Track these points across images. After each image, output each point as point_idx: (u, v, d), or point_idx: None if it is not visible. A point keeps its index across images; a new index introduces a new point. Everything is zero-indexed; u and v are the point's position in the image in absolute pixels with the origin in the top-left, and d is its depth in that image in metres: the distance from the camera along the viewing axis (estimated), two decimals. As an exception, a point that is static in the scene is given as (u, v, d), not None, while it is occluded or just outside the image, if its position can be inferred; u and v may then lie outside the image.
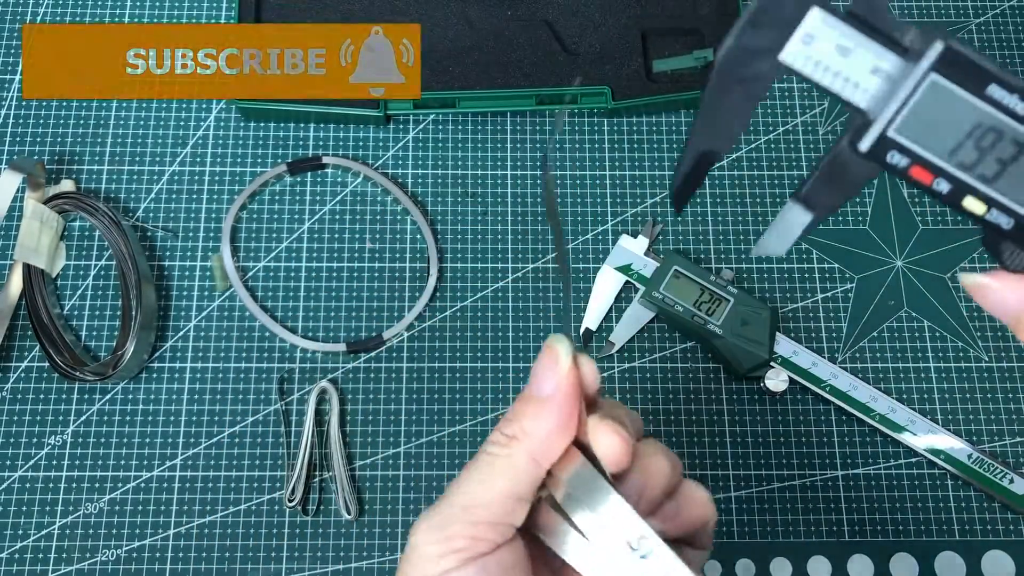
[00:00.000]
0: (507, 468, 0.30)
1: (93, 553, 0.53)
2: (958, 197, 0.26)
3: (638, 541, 0.28)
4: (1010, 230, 0.26)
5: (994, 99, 0.25)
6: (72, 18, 0.64)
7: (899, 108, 0.25)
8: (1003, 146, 0.25)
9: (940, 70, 0.25)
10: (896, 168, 0.26)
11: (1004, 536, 0.54)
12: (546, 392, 0.30)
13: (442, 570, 0.29)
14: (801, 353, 0.55)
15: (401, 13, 0.63)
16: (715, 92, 0.27)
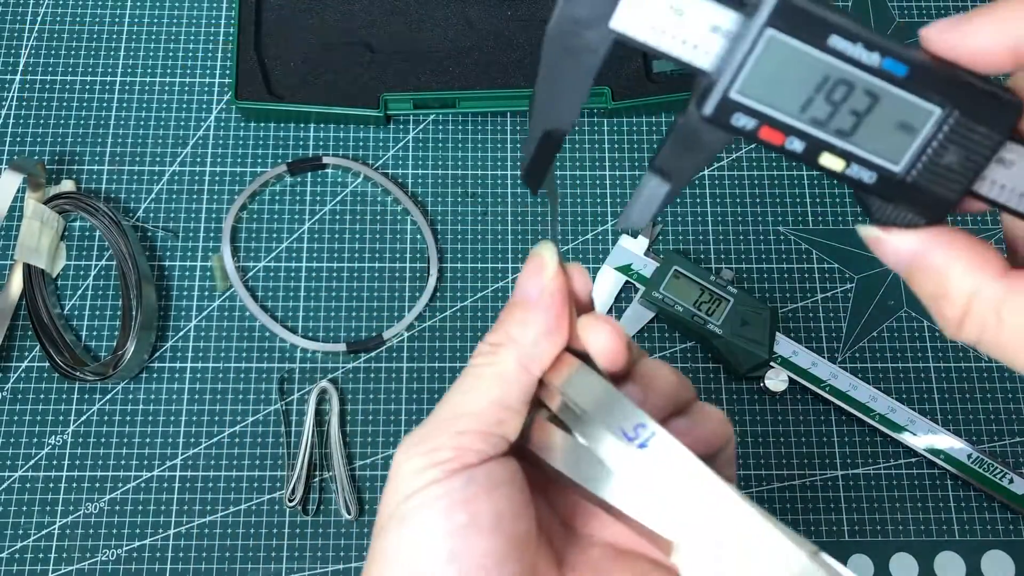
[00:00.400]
0: (494, 376, 0.28)
1: (93, 553, 0.53)
2: (814, 155, 0.25)
3: (634, 429, 0.27)
4: (873, 184, 0.25)
5: (838, 50, 0.23)
6: (72, 18, 0.64)
7: (738, 68, 0.24)
8: (855, 98, 0.24)
9: (777, 24, 0.23)
10: (744, 131, 0.24)
11: (1004, 536, 0.54)
12: (532, 296, 0.28)
13: (426, 481, 0.27)
14: (801, 353, 0.55)
15: (401, 13, 0.63)
16: (547, 67, 0.25)
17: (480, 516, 0.26)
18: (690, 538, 0.26)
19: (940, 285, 0.24)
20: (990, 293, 0.24)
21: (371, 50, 0.62)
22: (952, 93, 0.24)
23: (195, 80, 0.62)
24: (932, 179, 0.25)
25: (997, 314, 0.24)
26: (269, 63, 0.61)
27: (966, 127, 0.24)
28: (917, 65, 0.24)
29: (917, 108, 0.24)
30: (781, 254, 0.59)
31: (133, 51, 0.63)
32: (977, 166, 0.24)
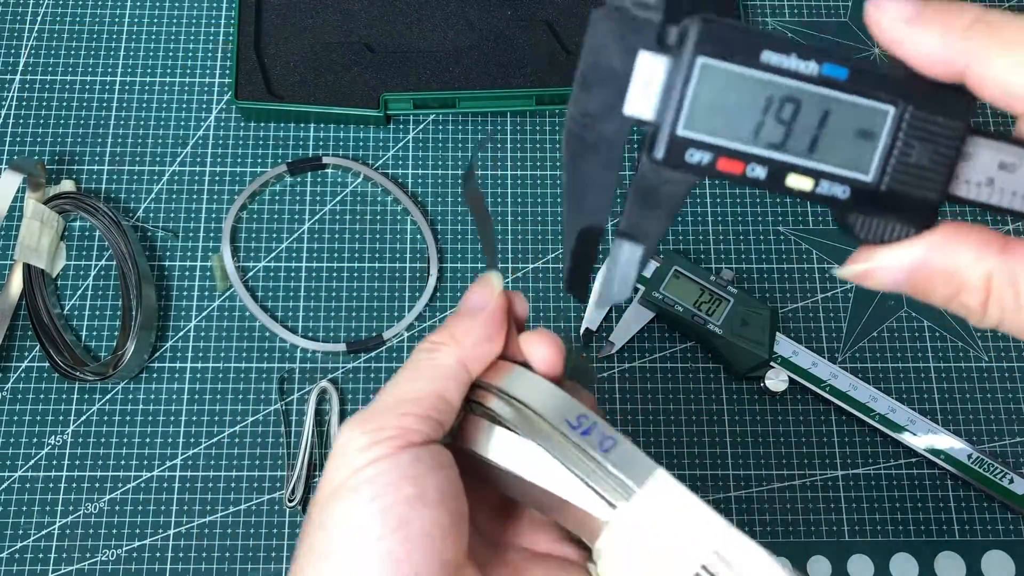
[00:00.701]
0: (434, 368, 0.30)
1: (93, 553, 0.53)
2: (779, 179, 0.24)
3: (577, 419, 0.28)
4: (849, 199, 0.24)
5: (773, 65, 0.23)
6: (72, 18, 0.64)
7: (679, 102, 0.23)
8: (806, 112, 0.23)
9: (705, 50, 0.23)
10: (701, 167, 0.24)
11: (1004, 536, 0.54)
12: (477, 307, 0.31)
13: (372, 458, 0.28)
14: (801, 353, 0.55)
15: (401, 13, 0.63)
16: (570, 165, 0.25)
17: (427, 490, 0.27)
18: (625, 515, 0.27)
19: (953, 282, 0.24)
20: (1001, 271, 0.23)
21: (371, 50, 0.62)
22: (900, 89, 0.23)
23: (195, 80, 0.62)
24: (907, 182, 0.24)
25: (1014, 290, 0.23)
26: (269, 63, 0.61)
27: (924, 120, 0.23)
28: (857, 66, 0.23)
29: (870, 110, 0.23)
30: (781, 254, 0.59)
31: (133, 51, 0.63)
32: (948, 159, 0.24)
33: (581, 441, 0.28)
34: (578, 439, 0.28)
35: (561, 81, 0.60)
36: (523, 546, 0.33)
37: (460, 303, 0.32)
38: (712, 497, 0.54)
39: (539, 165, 0.61)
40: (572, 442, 0.28)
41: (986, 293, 0.23)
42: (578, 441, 0.28)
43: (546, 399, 0.29)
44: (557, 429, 0.28)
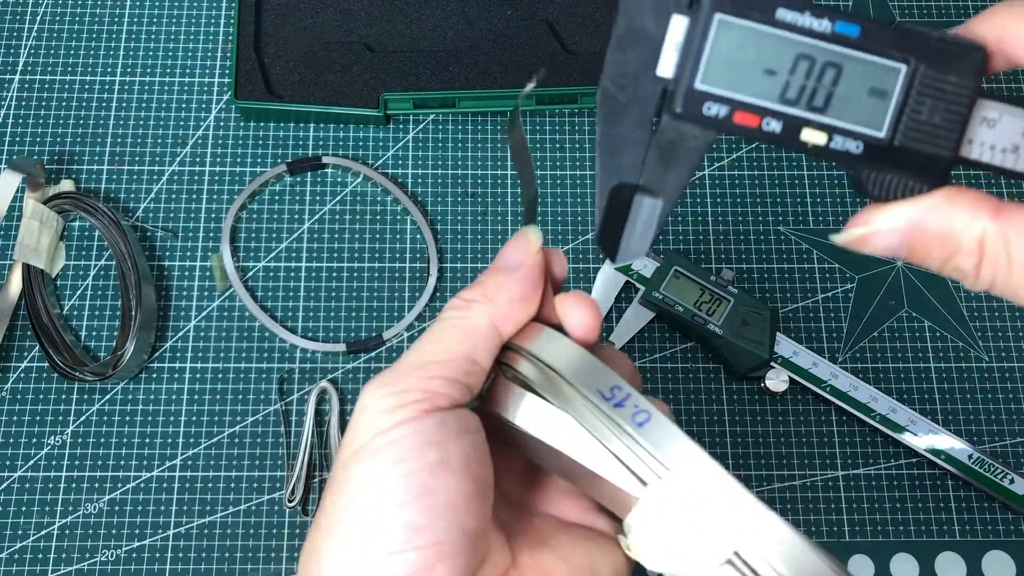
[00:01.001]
0: (465, 329, 0.29)
1: (93, 553, 0.53)
2: (794, 133, 0.24)
3: (611, 390, 0.27)
4: (862, 154, 0.25)
5: (787, 23, 0.24)
6: (71, 17, 0.64)
7: (697, 57, 0.24)
8: (819, 69, 0.24)
9: (722, 7, 0.24)
10: (718, 120, 0.24)
11: (1005, 536, 0.54)
12: (513, 264, 0.30)
13: (396, 420, 0.27)
14: (801, 353, 0.55)
15: (401, 12, 0.63)
16: (604, 123, 0.26)
17: (451, 456, 0.26)
18: (658, 492, 0.26)
19: (949, 242, 0.24)
20: (994, 233, 0.23)
21: (371, 49, 0.62)
22: (912, 48, 0.24)
23: (194, 80, 0.62)
24: (920, 139, 0.24)
25: (1006, 252, 0.23)
26: (269, 62, 0.61)
27: (936, 78, 0.24)
28: (868, 24, 0.24)
29: (882, 68, 0.24)
30: (782, 254, 0.59)
31: (132, 51, 0.63)
32: (960, 117, 0.24)
33: (613, 413, 0.27)
34: (610, 411, 0.27)
35: (561, 81, 0.60)
36: (551, 514, 0.32)
37: (496, 258, 0.30)
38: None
39: (539, 165, 0.61)
40: (604, 414, 0.27)
41: (980, 255, 0.24)
42: (610, 413, 0.27)
43: (579, 366, 0.28)
44: (589, 399, 0.27)
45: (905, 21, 0.25)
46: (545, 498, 0.32)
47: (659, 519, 0.26)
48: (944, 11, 0.65)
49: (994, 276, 0.24)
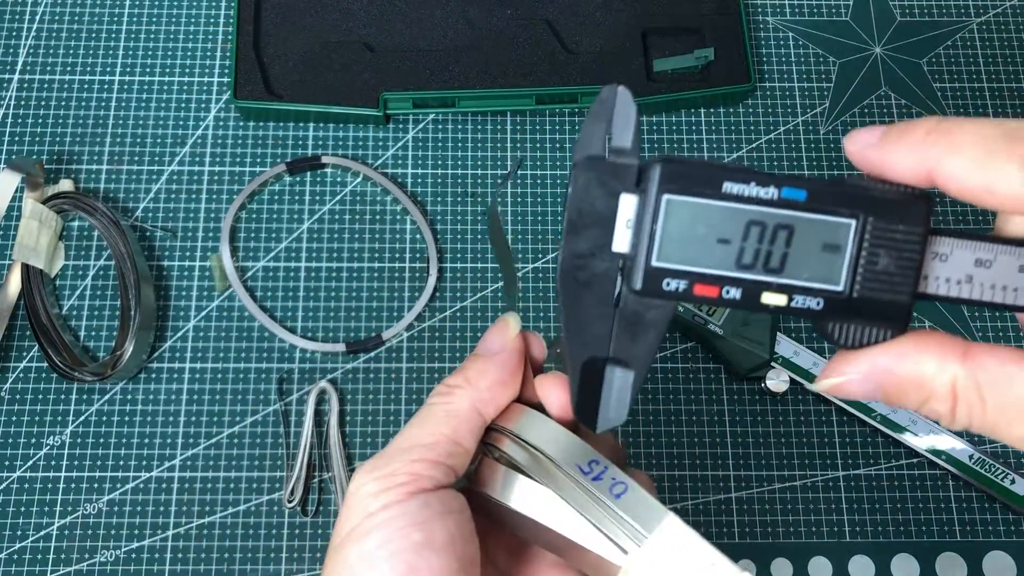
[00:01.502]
0: (448, 414, 0.31)
1: (92, 554, 0.53)
2: (755, 298, 0.25)
3: (589, 464, 0.29)
4: (823, 309, 0.25)
5: (735, 194, 0.25)
6: (71, 16, 0.64)
7: (651, 236, 0.25)
8: (772, 233, 0.25)
9: (669, 189, 0.25)
10: (679, 293, 0.25)
11: (1005, 537, 0.54)
12: (494, 350, 0.32)
13: (382, 504, 0.28)
14: (802, 353, 0.55)
15: (400, 12, 0.63)
16: (568, 303, 0.27)
17: (435, 536, 0.28)
18: (639, 560, 0.28)
19: (922, 388, 0.25)
20: (964, 377, 0.24)
21: (370, 49, 0.61)
22: (858, 203, 0.24)
23: (194, 79, 0.62)
24: (877, 288, 0.25)
25: (979, 392, 0.24)
26: (268, 62, 0.61)
27: (886, 229, 0.25)
28: (814, 187, 0.24)
29: (832, 225, 0.25)
30: (782, 254, 0.59)
31: (132, 50, 0.63)
32: (913, 263, 0.25)
33: (592, 487, 0.29)
34: (589, 485, 0.29)
35: (561, 80, 0.60)
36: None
37: (477, 345, 0.32)
38: (713, 498, 0.54)
39: (539, 165, 0.61)
40: (584, 488, 0.29)
41: (953, 400, 0.24)
42: (589, 487, 0.29)
43: (558, 444, 0.30)
44: (569, 475, 0.29)
45: (851, 175, 0.25)
46: (535, 572, 0.33)
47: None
48: (944, 10, 0.65)
49: (970, 418, 0.24)
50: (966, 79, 0.63)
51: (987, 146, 0.22)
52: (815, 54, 0.64)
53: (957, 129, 0.23)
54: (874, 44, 0.65)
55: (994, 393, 0.24)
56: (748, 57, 0.61)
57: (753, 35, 0.64)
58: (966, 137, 0.23)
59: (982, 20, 0.65)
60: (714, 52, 0.61)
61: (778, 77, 0.63)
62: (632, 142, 0.26)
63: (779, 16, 0.65)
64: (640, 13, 0.63)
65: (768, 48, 0.64)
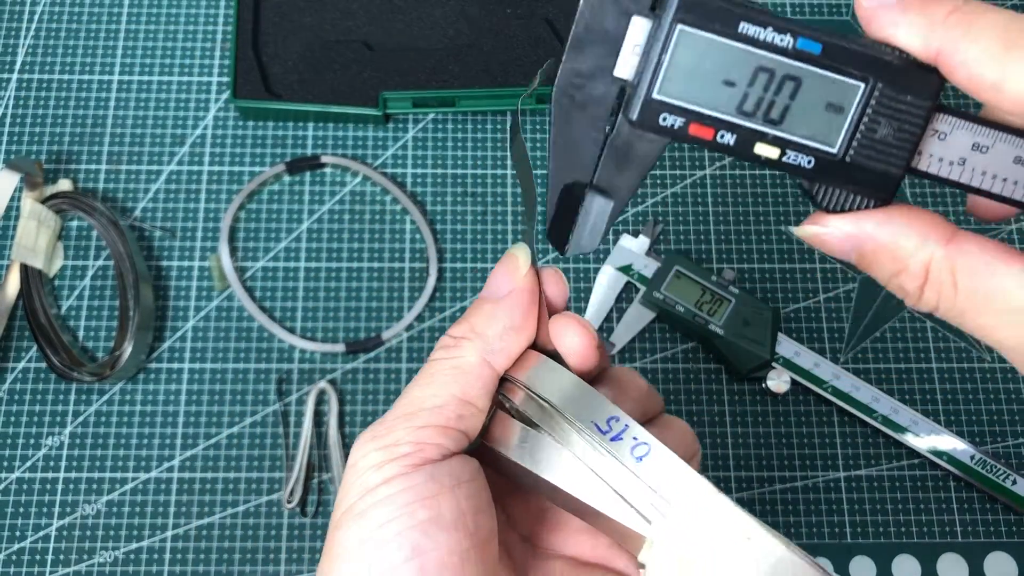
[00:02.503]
0: (454, 369, 0.28)
1: (91, 555, 0.52)
2: (748, 146, 0.25)
3: (607, 422, 0.26)
4: (813, 169, 0.25)
5: (749, 36, 0.24)
6: (69, 16, 0.63)
7: (656, 67, 0.24)
8: (778, 83, 0.24)
9: (685, 19, 0.24)
10: (673, 130, 0.25)
11: (1007, 538, 0.54)
12: (501, 292, 0.28)
13: (384, 478, 0.26)
14: (803, 354, 0.55)
15: (400, 11, 0.62)
16: (559, 122, 0.26)
17: (443, 512, 0.25)
18: (664, 530, 0.25)
19: (897, 260, 0.24)
20: (941, 259, 0.24)
21: (370, 48, 0.61)
22: (872, 66, 0.24)
23: (193, 79, 0.62)
24: (872, 156, 0.24)
25: (952, 279, 0.24)
26: (267, 61, 0.61)
27: (893, 98, 0.24)
28: (830, 42, 0.24)
29: (841, 85, 0.24)
30: (783, 254, 0.59)
31: (131, 49, 0.63)
32: (913, 136, 0.24)
33: (612, 448, 0.26)
34: (608, 446, 0.26)
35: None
36: (569, 555, 0.30)
37: (484, 287, 0.29)
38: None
39: (539, 164, 0.61)
40: (602, 449, 0.26)
41: (924, 279, 0.24)
42: (608, 448, 0.26)
43: (573, 398, 0.27)
44: (585, 433, 0.26)
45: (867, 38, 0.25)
46: (563, 538, 0.31)
47: (670, 557, 0.25)
48: (946, 10, 0.65)
49: (938, 300, 0.24)
50: (967, 78, 0.63)
51: (1008, 40, 0.22)
52: (816, 53, 0.64)
53: (979, 16, 0.22)
54: (875, 43, 0.64)
55: (970, 279, 0.23)
56: (749, 56, 0.61)
57: (754, 34, 0.64)
58: (987, 27, 0.22)
59: (983, 19, 0.65)
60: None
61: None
62: None
63: (780, 15, 0.65)
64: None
65: (769, 47, 0.64)
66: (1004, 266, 0.23)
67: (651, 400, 0.30)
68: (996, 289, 0.23)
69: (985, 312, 0.23)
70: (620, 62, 0.25)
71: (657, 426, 0.30)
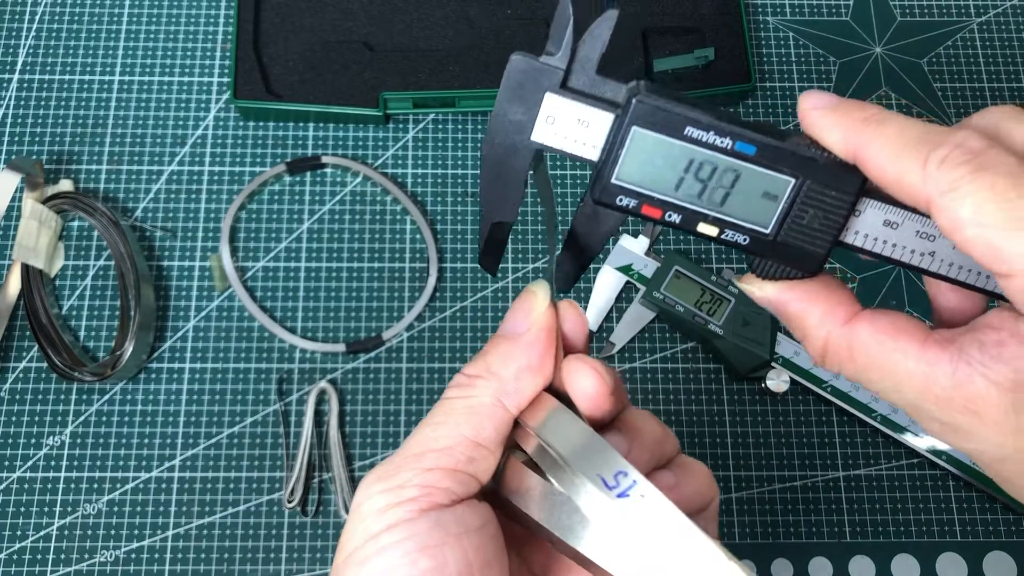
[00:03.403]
0: (467, 409, 0.27)
1: (92, 554, 0.52)
2: (692, 224, 0.28)
3: (615, 477, 0.25)
4: (748, 245, 0.28)
5: (694, 138, 0.27)
6: (70, 17, 0.63)
7: (615, 158, 0.28)
8: (720, 174, 0.27)
9: (638, 122, 0.27)
10: (628, 209, 0.28)
11: (1006, 537, 0.54)
12: (519, 331, 0.28)
13: (387, 524, 0.25)
14: (802, 353, 0.55)
15: (400, 12, 0.62)
16: (486, 175, 0.29)
17: (447, 563, 0.24)
18: None
19: (801, 329, 0.28)
20: (838, 337, 0.27)
21: (370, 49, 0.61)
22: (801, 165, 0.27)
23: (193, 79, 0.62)
24: (799, 238, 0.28)
25: (849, 352, 0.27)
26: (268, 62, 0.61)
27: (820, 192, 0.27)
28: (764, 143, 0.27)
29: (774, 179, 0.27)
30: (782, 254, 0.59)
31: (131, 50, 0.63)
32: (837, 224, 0.28)
33: (619, 505, 0.25)
34: (613, 502, 0.25)
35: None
36: None
37: (501, 323, 0.28)
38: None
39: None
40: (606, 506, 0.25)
41: (823, 351, 0.28)
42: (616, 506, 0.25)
43: (582, 448, 0.26)
44: (590, 488, 0.25)
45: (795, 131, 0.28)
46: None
47: None
48: (944, 10, 0.65)
49: (839, 368, 0.28)
50: (966, 79, 0.63)
51: (904, 142, 0.25)
52: (815, 54, 0.64)
53: (886, 123, 0.25)
54: (874, 44, 0.64)
55: (862, 355, 0.27)
56: (748, 57, 0.61)
57: (753, 35, 0.64)
58: (890, 131, 0.25)
59: (982, 20, 0.65)
60: (714, 52, 0.61)
61: (778, 77, 0.63)
62: (563, 47, 0.28)
63: (779, 16, 0.65)
64: (640, 13, 0.63)
65: (768, 48, 0.64)
66: (891, 341, 0.26)
67: (666, 442, 0.30)
68: (886, 362, 0.26)
69: (878, 380, 0.27)
70: (536, 128, 0.28)
71: (673, 469, 0.29)
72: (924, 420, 0.26)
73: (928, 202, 0.24)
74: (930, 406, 0.26)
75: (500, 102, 0.28)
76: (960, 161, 0.23)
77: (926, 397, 0.26)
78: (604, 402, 0.28)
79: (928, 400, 0.26)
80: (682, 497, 0.28)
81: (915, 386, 0.26)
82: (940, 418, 0.25)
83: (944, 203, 0.23)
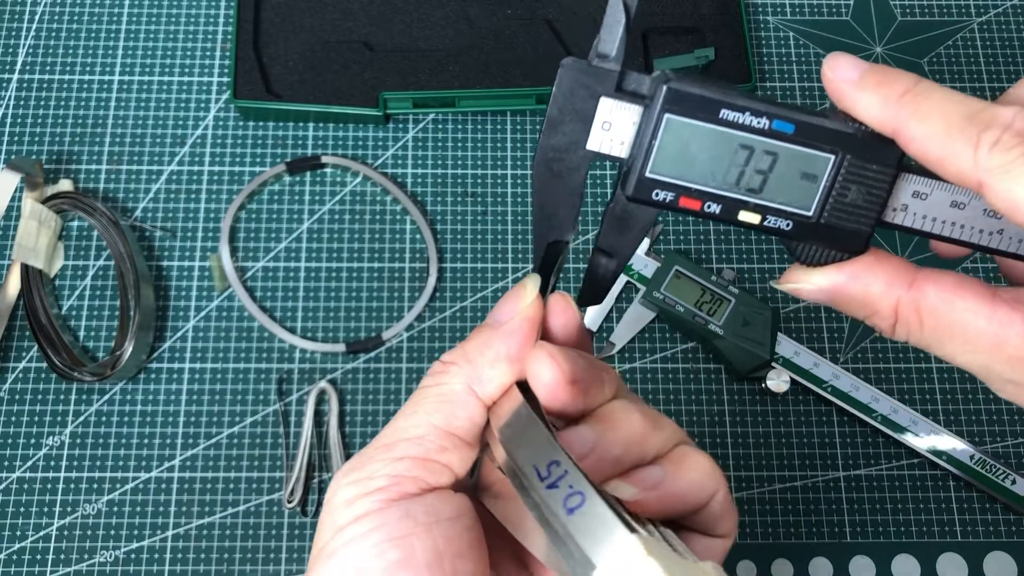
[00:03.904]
0: (438, 398, 0.26)
1: (91, 554, 0.52)
2: (732, 214, 0.27)
3: (547, 467, 0.24)
4: (791, 230, 0.28)
5: (730, 121, 0.26)
6: (70, 16, 0.63)
7: (647, 150, 0.27)
8: (757, 158, 0.27)
9: (671, 109, 0.26)
10: (665, 203, 0.28)
11: (1006, 537, 0.54)
12: (502, 320, 0.27)
13: (354, 515, 0.24)
14: (803, 354, 0.55)
15: (400, 11, 0.62)
16: (540, 192, 0.28)
17: (415, 554, 0.24)
18: None
19: (867, 306, 0.27)
20: (908, 302, 0.26)
21: (370, 49, 0.61)
22: (839, 141, 0.26)
23: (193, 79, 0.62)
24: (843, 217, 0.27)
25: (918, 315, 0.26)
26: (268, 62, 0.61)
27: (860, 167, 0.27)
28: (802, 121, 0.26)
29: (813, 158, 0.27)
30: (783, 254, 0.59)
31: (131, 50, 0.63)
32: (880, 199, 0.27)
33: (547, 496, 0.24)
34: (544, 494, 0.24)
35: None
36: None
37: (488, 314, 0.28)
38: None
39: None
40: (539, 497, 0.24)
41: (894, 318, 0.27)
42: (544, 497, 0.24)
43: (524, 436, 0.25)
44: (526, 479, 0.24)
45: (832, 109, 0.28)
46: None
47: None
48: (945, 10, 0.65)
49: (908, 335, 0.27)
50: (966, 79, 0.63)
51: (950, 123, 0.24)
52: (815, 54, 0.64)
53: (927, 98, 0.25)
54: (875, 44, 0.64)
55: (931, 316, 0.26)
56: (748, 57, 0.61)
57: (753, 35, 0.64)
58: (933, 109, 0.24)
59: (982, 20, 0.65)
60: (714, 52, 0.61)
61: (778, 77, 0.63)
62: (617, 48, 0.27)
63: (779, 16, 0.65)
64: (640, 13, 0.63)
65: (768, 48, 0.64)
66: (960, 301, 0.26)
67: (651, 438, 0.28)
68: (955, 322, 0.26)
69: (948, 342, 0.26)
70: (592, 136, 0.27)
71: (664, 464, 0.28)
72: (996, 382, 0.26)
73: (980, 184, 0.24)
74: (1003, 366, 0.25)
75: (552, 114, 0.27)
76: (1012, 144, 0.23)
77: (998, 357, 0.25)
78: (562, 392, 0.26)
79: (1000, 360, 0.25)
80: (670, 493, 0.27)
81: (986, 346, 0.25)
82: (1014, 379, 0.25)
83: (1001, 186, 0.23)
